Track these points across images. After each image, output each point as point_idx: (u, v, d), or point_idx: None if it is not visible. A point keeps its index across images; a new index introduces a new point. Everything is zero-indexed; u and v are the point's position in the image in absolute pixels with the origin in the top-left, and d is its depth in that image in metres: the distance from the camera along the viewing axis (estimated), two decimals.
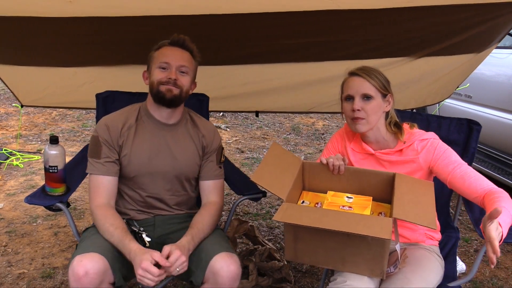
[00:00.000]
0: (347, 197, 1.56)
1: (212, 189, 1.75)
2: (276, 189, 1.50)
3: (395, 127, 1.65)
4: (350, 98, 1.62)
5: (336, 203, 1.52)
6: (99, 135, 1.64)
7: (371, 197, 1.57)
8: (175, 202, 1.76)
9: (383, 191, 1.58)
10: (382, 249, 1.34)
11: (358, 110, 1.58)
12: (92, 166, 1.64)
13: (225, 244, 1.60)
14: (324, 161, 1.62)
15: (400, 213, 1.37)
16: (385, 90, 1.61)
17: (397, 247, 1.41)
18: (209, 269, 1.49)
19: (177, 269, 1.44)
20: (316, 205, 1.59)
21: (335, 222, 1.32)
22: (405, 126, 1.68)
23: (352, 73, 1.63)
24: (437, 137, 1.63)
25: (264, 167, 1.55)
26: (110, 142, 1.64)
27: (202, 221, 1.63)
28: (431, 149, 1.58)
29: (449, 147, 1.60)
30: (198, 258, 1.53)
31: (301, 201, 1.63)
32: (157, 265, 1.42)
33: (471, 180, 1.48)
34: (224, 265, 1.47)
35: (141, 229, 1.66)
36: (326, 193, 1.62)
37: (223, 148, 1.82)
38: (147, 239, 1.61)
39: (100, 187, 1.63)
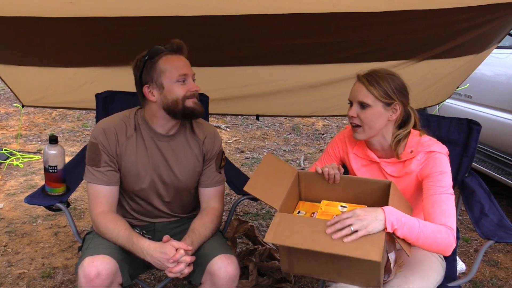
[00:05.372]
0: (341, 206, 1.53)
1: (212, 196, 1.71)
2: (268, 199, 1.48)
3: (397, 143, 1.57)
4: (350, 103, 1.57)
5: (330, 213, 1.49)
6: (98, 142, 1.56)
7: (366, 206, 1.51)
8: (175, 210, 1.75)
9: (379, 200, 1.53)
10: (376, 265, 1.31)
11: (353, 117, 1.53)
12: (91, 174, 1.57)
13: (224, 246, 1.60)
14: (319, 170, 1.57)
15: None
16: (388, 98, 1.50)
17: (391, 256, 1.40)
18: (207, 270, 1.50)
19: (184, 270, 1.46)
20: (312, 214, 1.57)
21: (324, 241, 1.29)
22: (414, 132, 1.60)
23: (357, 77, 1.56)
24: (444, 151, 1.53)
25: (257, 177, 1.54)
26: (108, 150, 1.57)
27: (203, 226, 1.61)
28: (431, 163, 1.50)
29: (449, 170, 1.49)
30: (197, 259, 1.53)
31: (297, 211, 1.62)
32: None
33: (436, 211, 1.40)
34: (222, 266, 1.48)
35: (143, 232, 1.66)
36: None
37: (223, 152, 1.77)
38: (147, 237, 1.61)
39: (99, 196, 1.57)
